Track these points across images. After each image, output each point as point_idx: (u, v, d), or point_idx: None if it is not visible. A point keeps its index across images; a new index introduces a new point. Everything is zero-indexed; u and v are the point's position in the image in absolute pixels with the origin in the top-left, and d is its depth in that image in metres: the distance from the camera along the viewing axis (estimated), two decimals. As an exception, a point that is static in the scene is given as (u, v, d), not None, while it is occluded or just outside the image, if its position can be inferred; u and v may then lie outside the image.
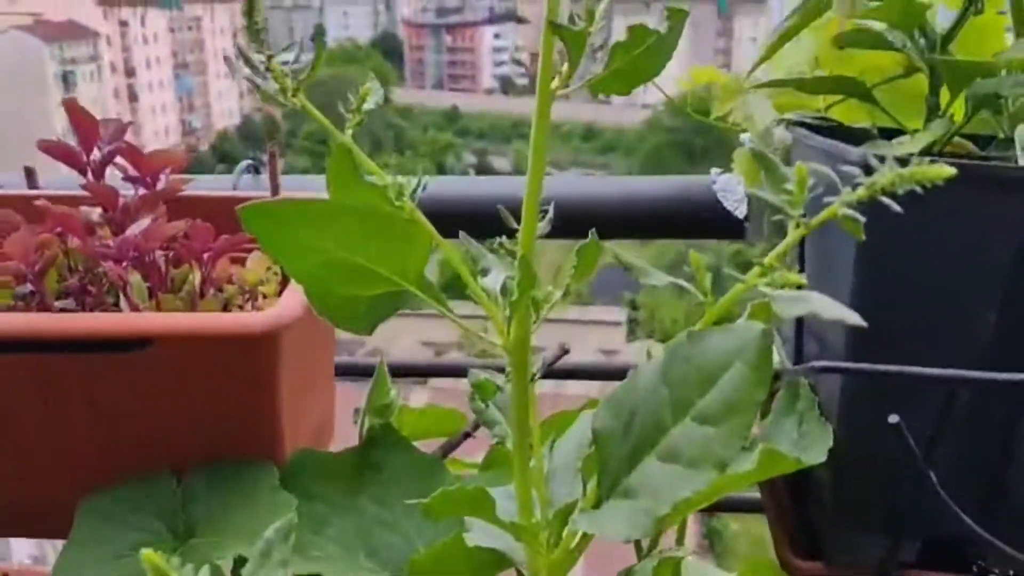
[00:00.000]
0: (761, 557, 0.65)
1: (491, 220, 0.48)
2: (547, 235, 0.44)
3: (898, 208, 0.28)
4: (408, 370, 0.85)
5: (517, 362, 0.41)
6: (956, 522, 0.51)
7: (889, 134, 0.61)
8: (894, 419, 0.49)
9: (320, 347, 0.68)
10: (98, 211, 0.62)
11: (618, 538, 0.36)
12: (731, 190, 0.73)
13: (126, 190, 0.64)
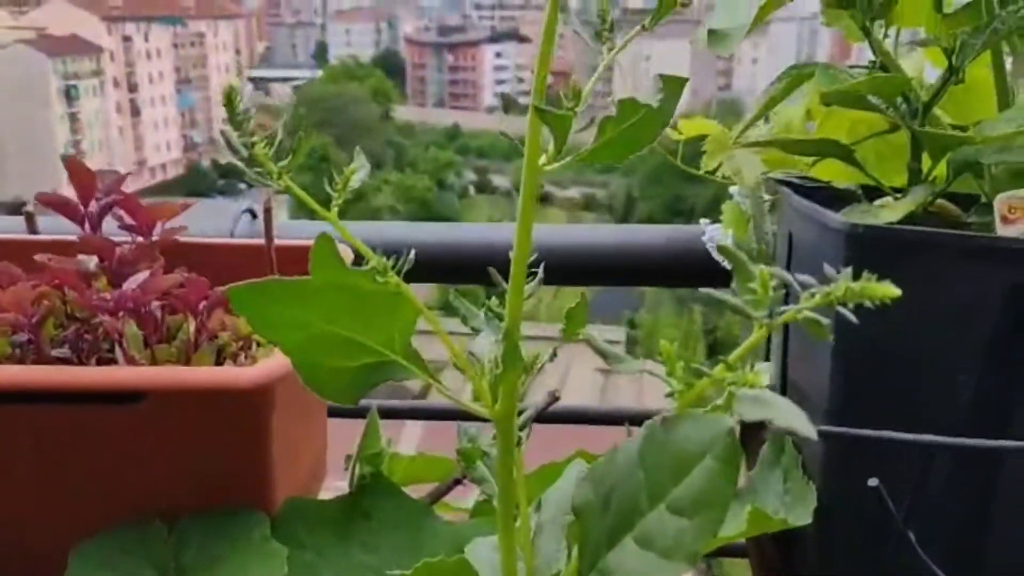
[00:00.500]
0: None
1: (482, 266, 0.48)
2: (542, 283, 0.45)
3: (854, 319, 0.30)
4: (397, 412, 0.86)
5: (503, 431, 0.41)
6: (936, 582, 0.51)
7: (875, 193, 0.62)
8: (873, 482, 0.50)
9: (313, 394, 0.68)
10: (95, 260, 0.63)
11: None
12: (719, 241, 0.74)
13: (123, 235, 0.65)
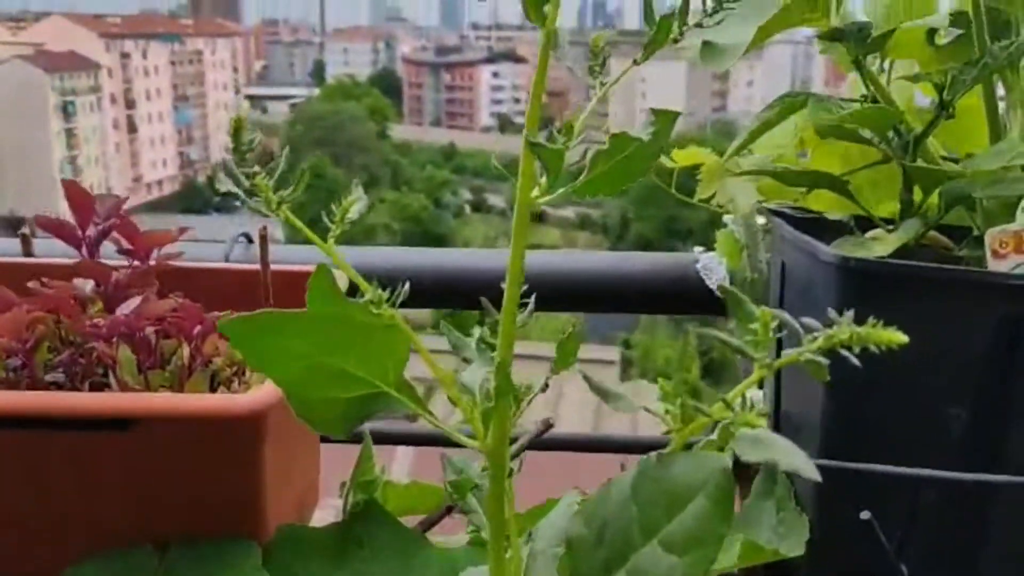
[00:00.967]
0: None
1: (476, 291, 0.48)
2: (536, 309, 0.45)
3: (857, 362, 0.30)
4: (390, 438, 0.86)
5: (494, 463, 0.41)
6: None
7: (868, 223, 0.63)
8: (866, 515, 0.50)
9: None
10: (91, 284, 0.63)
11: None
12: (713, 269, 0.75)
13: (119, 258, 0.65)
